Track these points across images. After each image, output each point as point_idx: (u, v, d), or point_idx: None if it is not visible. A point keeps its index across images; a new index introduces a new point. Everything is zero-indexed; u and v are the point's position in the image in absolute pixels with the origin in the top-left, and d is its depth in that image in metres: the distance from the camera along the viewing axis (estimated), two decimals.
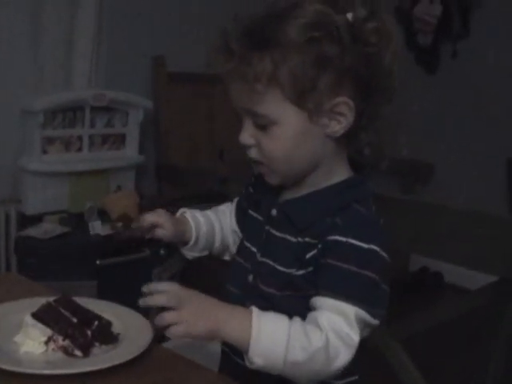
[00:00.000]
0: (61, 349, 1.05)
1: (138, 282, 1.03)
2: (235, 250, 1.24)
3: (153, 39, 3.14)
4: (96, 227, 2.48)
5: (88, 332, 1.07)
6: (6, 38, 2.65)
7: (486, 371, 1.23)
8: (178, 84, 3.13)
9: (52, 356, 1.05)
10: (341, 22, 0.98)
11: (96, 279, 2.39)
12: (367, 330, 1.02)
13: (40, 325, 1.06)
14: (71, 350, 1.05)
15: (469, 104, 3.71)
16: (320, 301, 0.99)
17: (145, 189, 3.07)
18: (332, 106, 1.01)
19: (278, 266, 1.07)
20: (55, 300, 1.11)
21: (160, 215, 1.18)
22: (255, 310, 0.97)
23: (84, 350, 1.05)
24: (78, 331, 1.06)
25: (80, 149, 2.74)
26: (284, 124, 1.02)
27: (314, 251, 1.02)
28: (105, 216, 2.60)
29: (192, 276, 2.53)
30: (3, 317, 1.13)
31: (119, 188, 2.79)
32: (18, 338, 1.07)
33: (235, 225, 1.25)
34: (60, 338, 1.05)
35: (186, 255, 1.25)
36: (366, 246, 0.99)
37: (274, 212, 1.11)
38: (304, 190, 1.09)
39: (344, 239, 0.99)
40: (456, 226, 1.26)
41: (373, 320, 0.99)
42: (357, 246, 0.99)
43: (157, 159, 3.17)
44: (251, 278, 1.11)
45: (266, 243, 1.10)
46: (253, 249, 1.13)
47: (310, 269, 1.03)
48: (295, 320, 0.98)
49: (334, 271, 0.99)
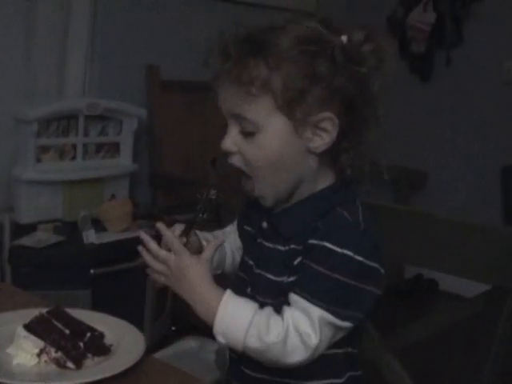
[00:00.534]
0: (53, 361, 1.05)
1: (133, 291, 1.03)
2: None
3: (146, 48, 3.14)
4: (90, 236, 2.47)
5: (80, 344, 1.07)
6: None
7: (480, 379, 1.24)
8: (172, 92, 3.13)
9: (44, 368, 1.05)
10: (335, 43, 1.02)
11: (90, 288, 2.39)
12: (341, 332, 1.04)
13: (32, 336, 1.06)
14: (64, 362, 1.05)
15: (463, 112, 3.72)
16: (292, 298, 1.02)
17: (139, 197, 3.06)
18: (317, 121, 1.03)
19: (271, 276, 1.09)
20: (48, 311, 1.11)
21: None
22: (228, 293, 1.03)
23: (76, 362, 1.05)
24: (71, 343, 1.06)
25: (74, 157, 2.74)
26: (269, 132, 1.04)
27: (300, 257, 1.05)
28: (99, 225, 2.59)
29: None
30: None
31: (113, 196, 2.78)
32: (11, 350, 1.07)
33: (239, 242, 1.27)
34: (52, 350, 1.05)
35: None
36: (340, 250, 1.01)
37: (265, 224, 1.13)
38: (292, 202, 1.11)
39: (320, 243, 1.02)
40: (448, 236, 1.27)
41: (341, 322, 1.01)
42: (330, 250, 1.01)
43: (151, 167, 3.16)
44: (249, 290, 1.12)
45: (260, 255, 1.13)
46: (250, 262, 1.16)
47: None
48: (265, 310, 1.02)
49: (306, 271, 1.03)
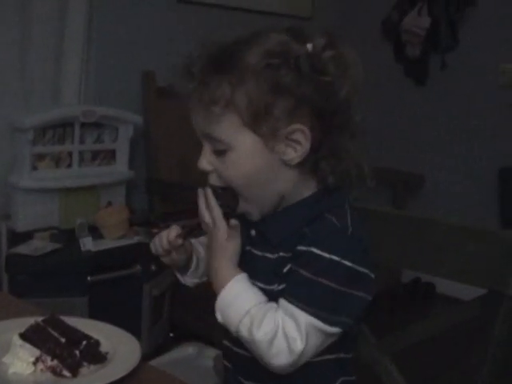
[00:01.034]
0: (49, 369, 1.05)
1: (130, 298, 1.03)
2: None
3: (142, 54, 3.14)
4: (87, 243, 2.47)
5: (76, 352, 1.06)
6: None
7: (478, 381, 1.23)
8: (168, 99, 3.13)
9: (40, 377, 1.04)
10: (300, 52, 1.01)
11: (88, 295, 2.39)
12: (331, 338, 1.03)
13: (28, 345, 1.06)
14: (60, 371, 1.04)
15: (458, 115, 3.73)
16: (281, 303, 1.02)
17: (135, 204, 3.06)
18: (288, 133, 1.02)
19: (261, 285, 1.07)
20: (43, 320, 1.11)
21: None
22: (242, 275, 1.05)
23: (72, 370, 1.04)
24: (67, 351, 1.06)
25: (70, 165, 2.74)
26: (240, 150, 1.03)
27: (289, 265, 1.05)
28: (96, 232, 2.59)
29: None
30: None
31: (110, 203, 2.78)
32: (7, 359, 1.06)
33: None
34: (48, 359, 1.05)
35: (187, 282, 1.25)
36: (328, 256, 1.01)
37: (253, 232, 1.12)
38: (279, 209, 1.10)
39: (308, 248, 1.02)
40: (445, 240, 1.27)
41: (330, 328, 1.01)
42: (317, 255, 1.01)
43: (147, 174, 3.16)
44: None
45: (249, 263, 1.11)
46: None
47: None
48: (268, 305, 1.02)
49: (294, 277, 1.03)
